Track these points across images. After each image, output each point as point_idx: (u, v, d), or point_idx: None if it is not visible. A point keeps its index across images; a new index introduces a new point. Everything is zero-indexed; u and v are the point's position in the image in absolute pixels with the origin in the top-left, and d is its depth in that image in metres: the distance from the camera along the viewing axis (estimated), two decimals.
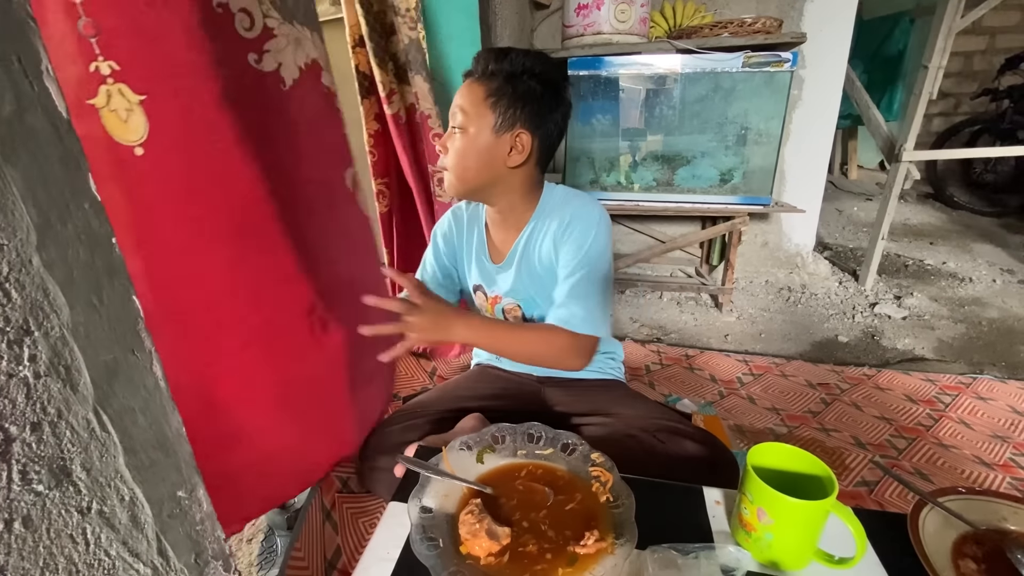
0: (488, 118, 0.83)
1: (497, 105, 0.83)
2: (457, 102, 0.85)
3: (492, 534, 0.55)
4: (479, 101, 0.83)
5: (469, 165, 0.85)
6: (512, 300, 0.97)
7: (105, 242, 0.37)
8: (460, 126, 0.84)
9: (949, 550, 0.56)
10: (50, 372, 0.33)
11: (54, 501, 0.34)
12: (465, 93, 0.84)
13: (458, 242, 1.02)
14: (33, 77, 0.32)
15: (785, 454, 0.59)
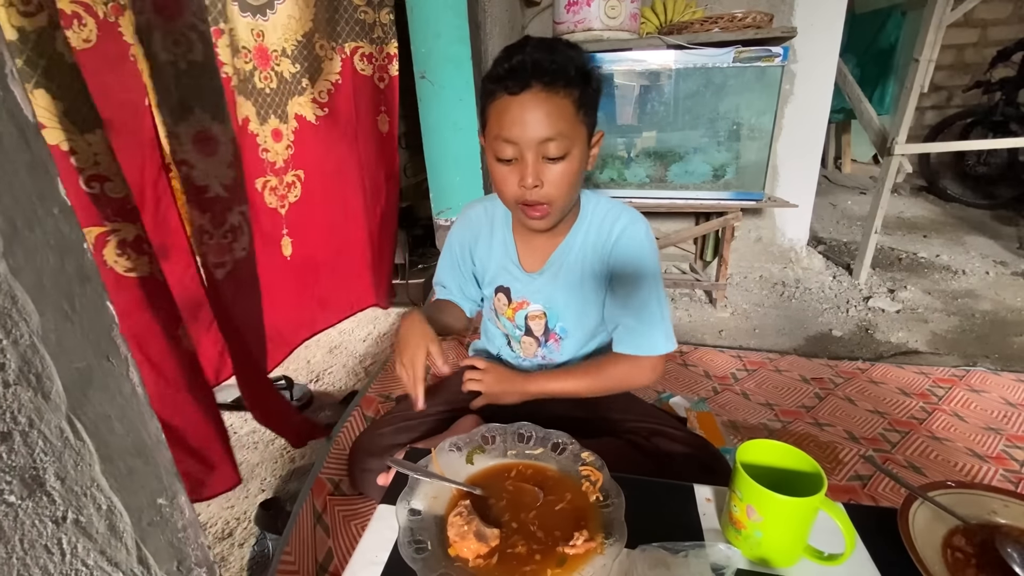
0: (582, 132, 0.75)
1: (587, 114, 0.75)
2: (546, 129, 0.71)
3: (481, 536, 0.55)
4: (572, 118, 0.73)
5: (573, 191, 0.79)
6: (539, 307, 0.94)
7: (76, 248, 0.36)
8: (560, 155, 0.73)
9: (939, 544, 0.56)
10: (20, 380, 0.32)
11: (27, 511, 0.33)
12: (554, 113, 0.71)
13: (474, 245, 0.97)
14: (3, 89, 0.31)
15: (775, 451, 0.58)
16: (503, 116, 0.72)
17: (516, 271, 0.93)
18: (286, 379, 1.43)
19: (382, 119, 1.44)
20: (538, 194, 0.75)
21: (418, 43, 1.34)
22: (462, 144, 1.46)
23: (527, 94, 0.70)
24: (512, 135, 0.72)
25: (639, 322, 0.84)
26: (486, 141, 0.80)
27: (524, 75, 0.70)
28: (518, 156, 0.74)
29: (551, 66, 0.70)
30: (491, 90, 0.74)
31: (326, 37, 1.32)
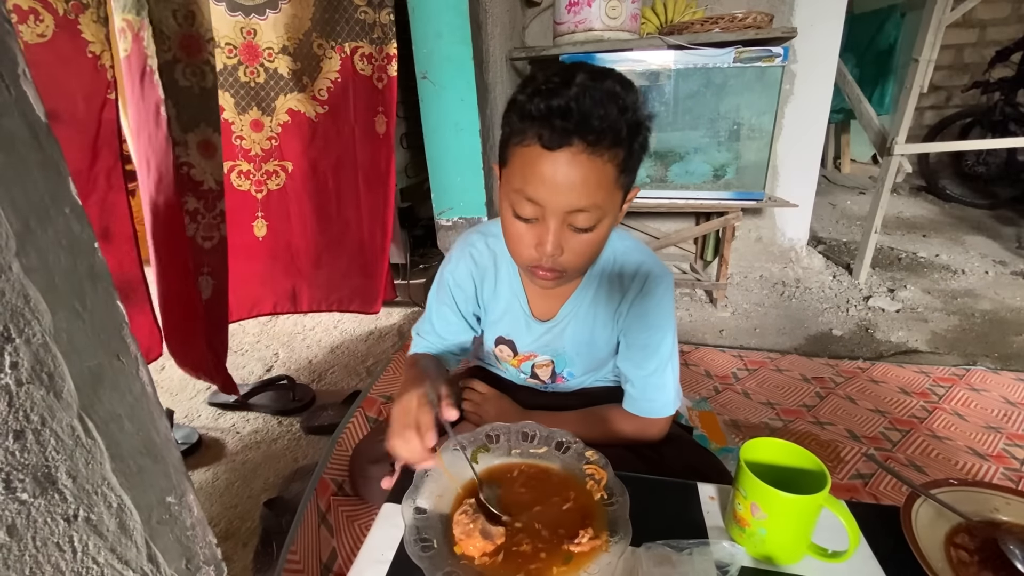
0: (618, 197, 0.64)
1: (628, 175, 0.64)
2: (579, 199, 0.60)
3: (486, 534, 0.55)
4: (611, 184, 0.61)
5: (595, 258, 0.71)
6: (548, 357, 0.89)
7: (87, 247, 0.36)
8: (589, 226, 0.63)
9: (942, 542, 0.57)
10: (32, 379, 0.33)
11: (39, 509, 0.33)
12: (592, 181, 0.59)
13: (480, 291, 0.87)
14: (10, 81, 0.32)
15: (778, 449, 0.59)
16: (530, 170, 0.60)
17: (525, 319, 0.85)
18: (288, 379, 1.44)
19: (379, 120, 1.46)
20: (554, 261, 0.66)
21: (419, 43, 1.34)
22: (463, 144, 1.46)
23: (565, 152, 0.58)
24: (538, 197, 0.61)
25: (653, 387, 0.81)
26: (502, 182, 0.68)
27: (566, 129, 0.57)
28: (539, 217, 0.63)
29: (600, 123, 0.57)
30: (520, 130, 0.61)
31: (326, 36, 1.35)
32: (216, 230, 1.24)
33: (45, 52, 0.98)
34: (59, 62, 1.00)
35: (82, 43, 1.01)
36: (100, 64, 1.04)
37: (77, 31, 1.00)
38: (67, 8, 0.97)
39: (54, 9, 0.96)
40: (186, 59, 1.09)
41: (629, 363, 0.82)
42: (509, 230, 0.68)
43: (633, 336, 0.81)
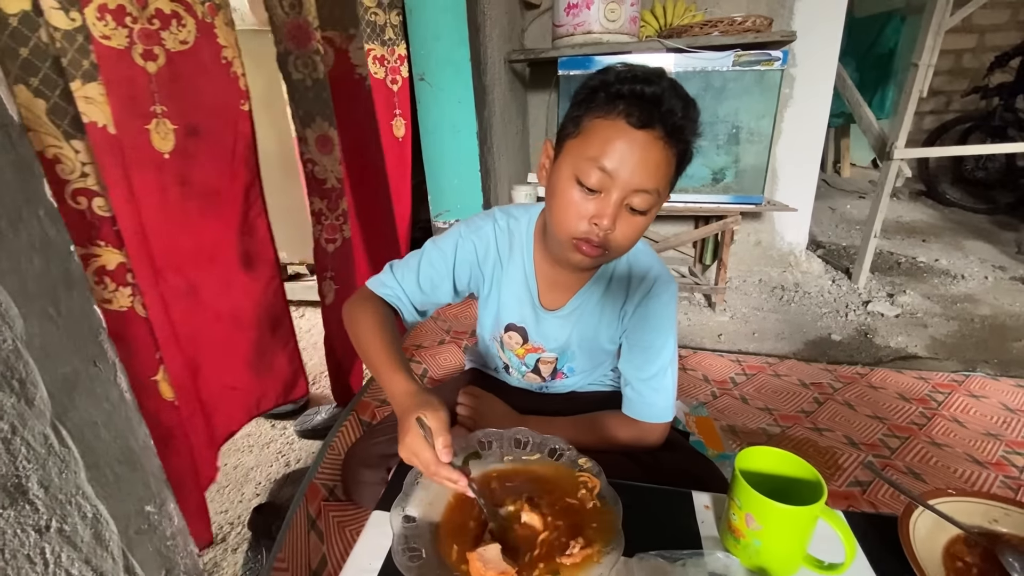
0: (666, 192, 0.69)
1: (676, 176, 0.69)
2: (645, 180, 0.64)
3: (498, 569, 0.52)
4: (669, 177, 0.67)
5: (636, 241, 0.73)
6: (552, 354, 0.89)
7: (62, 250, 0.36)
8: (643, 210, 0.67)
9: (940, 553, 0.56)
10: (2, 386, 0.32)
11: (8, 521, 0.32)
12: (662, 165, 0.64)
13: (492, 268, 0.87)
14: None
15: (774, 458, 0.58)
16: (611, 141, 0.63)
17: (534, 308, 0.86)
18: None
19: (397, 123, 1.42)
20: (604, 238, 0.67)
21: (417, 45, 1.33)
22: (460, 146, 1.45)
23: (647, 133, 0.62)
24: (611, 167, 0.63)
25: (652, 390, 0.81)
26: (565, 153, 0.69)
27: (653, 112, 0.61)
28: (603, 189, 0.65)
29: (681, 118, 0.63)
30: (604, 101, 0.64)
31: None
32: (339, 231, 1.20)
33: (187, 61, 0.89)
34: (199, 71, 0.91)
35: (217, 48, 0.93)
36: (232, 71, 0.97)
37: (214, 35, 0.92)
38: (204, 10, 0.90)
39: (194, 12, 0.89)
40: (296, 50, 1.04)
41: (630, 365, 0.82)
42: (566, 198, 0.68)
43: (636, 338, 0.82)
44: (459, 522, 0.59)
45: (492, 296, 0.89)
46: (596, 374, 0.98)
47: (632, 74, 0.64)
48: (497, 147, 1.61)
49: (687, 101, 0.64)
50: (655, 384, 0.81)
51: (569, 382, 0.97)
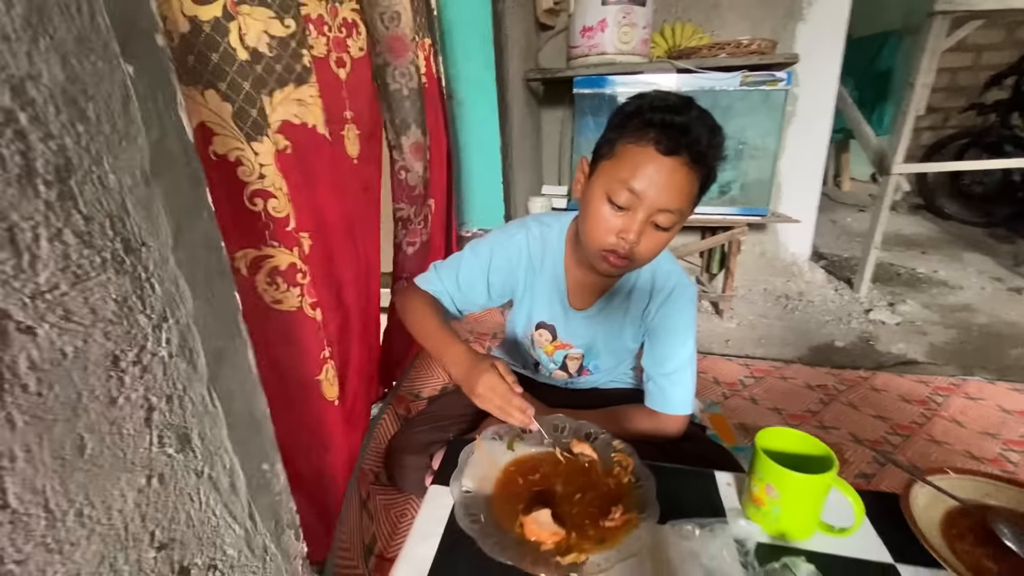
0: (689, 212, 0.76)
1: (699, 198, 0.76)
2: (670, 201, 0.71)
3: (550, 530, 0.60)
4: (693, 198, 0.74)
5: (658, 253, 0.80)
6: (579, 350, 0.98)
7: (216, 246, 0.44)
8: (667, 226, 0.74)
9: (938, 522, 0.63)
10: (179, 353, 0.39)
11: (179, 463, 0.40)
12: (685, 189, 0.71)
13: (525, 273, 0.94)
14: (171, 110, 0.39)
15: (789, 437, 0.65)
16: (640, 166, 0.70)
17: (564, 308, 0.94)
18: None
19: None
20: (629, 250, 0.75)
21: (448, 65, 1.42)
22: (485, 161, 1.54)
23: (674, 159, 0.69)
24: (639, 188, 0.70)
25: (673, 385, 0.88)
26: (599, 173, 0.76)
27: (681, 140, 0.68)
28: (631, 207, 0.73)
29: (706, 147, 0.70)
30: (636, 128, 0.71)
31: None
32: (419, 236, 1.23)
33: (362, 68, 0.91)
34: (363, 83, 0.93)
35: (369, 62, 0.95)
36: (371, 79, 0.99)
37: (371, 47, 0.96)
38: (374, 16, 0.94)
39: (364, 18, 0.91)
40: (394, 61, 1.07)
41: (651, 361, 0.89)
42: (597, 214, 0.76)
43: (657, 336, 0.89)
44: (509, 494, 0.66)
45: (525, 297, 0.97)
46: (618, 371, 1.06)
47: (664, 104, 0.71)
48: (516, 161, 1.70)
49: (713, 129, 0.71)
50: (675, 379, 0.88)
51: (593, 379, 1.04)
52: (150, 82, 0.37)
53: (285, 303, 0.69)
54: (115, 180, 0.34)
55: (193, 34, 0.54)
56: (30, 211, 0.29)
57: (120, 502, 0.35)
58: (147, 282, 0.36)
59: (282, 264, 0.67)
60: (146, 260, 0.36)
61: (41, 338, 0.30)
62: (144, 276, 0.36)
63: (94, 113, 0.32)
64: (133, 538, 0.36)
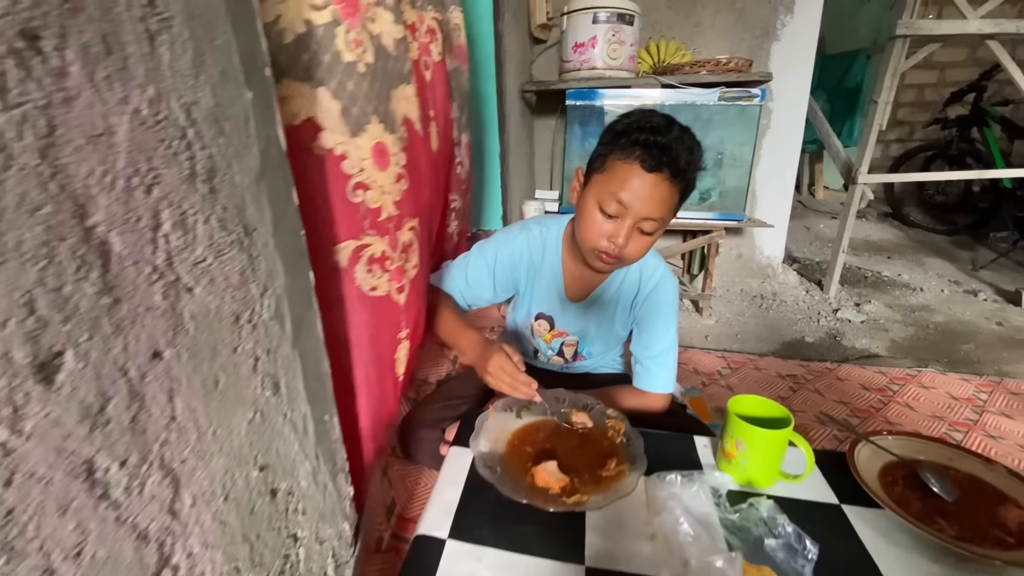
0: (670, 218, 0.87)
1: (679, 205, 0.87)
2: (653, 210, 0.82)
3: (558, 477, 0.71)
4: (673, 207, 0.85)
5: (645, 253, 0.91)
6: (575, 337, 1.10)
7: (299, 233, 0.54)
8: (651, 232, 0.85)
9: (876, 474, 0.75)
10: (275, 317, 0.50)
11: (273, 404, 0.50)
12: (665, 200, 0.82)
13: (526, 270, 1.05)
14: (273, 125, 0.50)
15: (755, 403, 0.77)
16: (627, 180, 0.81)
17: (560, 300, 1.05)
18: None
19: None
20: (618, 252, 0.86)
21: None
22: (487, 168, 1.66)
23: (656, 176, 0.80)
24: (626, 200, 0.82)
25: (658, 366, 1.00)
26: (592, 184, 0.88)
27: (663, 159, 0.79)
28: (619, 216, 0.84)
29: (684, 164, 0.81)
30: (623, 147, 0.82)
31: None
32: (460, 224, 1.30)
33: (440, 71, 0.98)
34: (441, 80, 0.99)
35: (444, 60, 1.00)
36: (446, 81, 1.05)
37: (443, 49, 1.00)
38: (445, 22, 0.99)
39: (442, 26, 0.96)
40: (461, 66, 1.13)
41: (639, 345, 1.02)
42: (590, 219, 0.87)
43: (644, 323, 1.01)
44: (519, 452, 0.78)
45: (526, 291, 1.08)
46: (608, 358, 1.18)
47: (649, 124, 0.82)
48: (512, 167, 1.82)
49: (691, 148, 0.82)
50: (660, 361, 1.01)
51: (587, 364, 1.16)
52: (261, 104, 0.47)
53: (379, 289, 0.74)
54: (239, 180, 0.44)
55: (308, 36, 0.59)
56: (193, 201, 0.40)
57: (237, 429, 0.46)
58: (256, 259, 0.47)
59: (377, 252, 0.72)
60: (256, 242, 0.47)
61: (198, 296, 0.40)
62: (254, 254, 0.47)
63: (229, 129, 0.43)
64: (244, 459, 0.47)
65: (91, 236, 0.32)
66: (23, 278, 0.28)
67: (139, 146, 0.35)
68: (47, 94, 0.29)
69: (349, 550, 0.67)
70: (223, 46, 0.42)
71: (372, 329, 0.74)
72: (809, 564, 0.59)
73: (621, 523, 0.67)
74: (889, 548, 0.64)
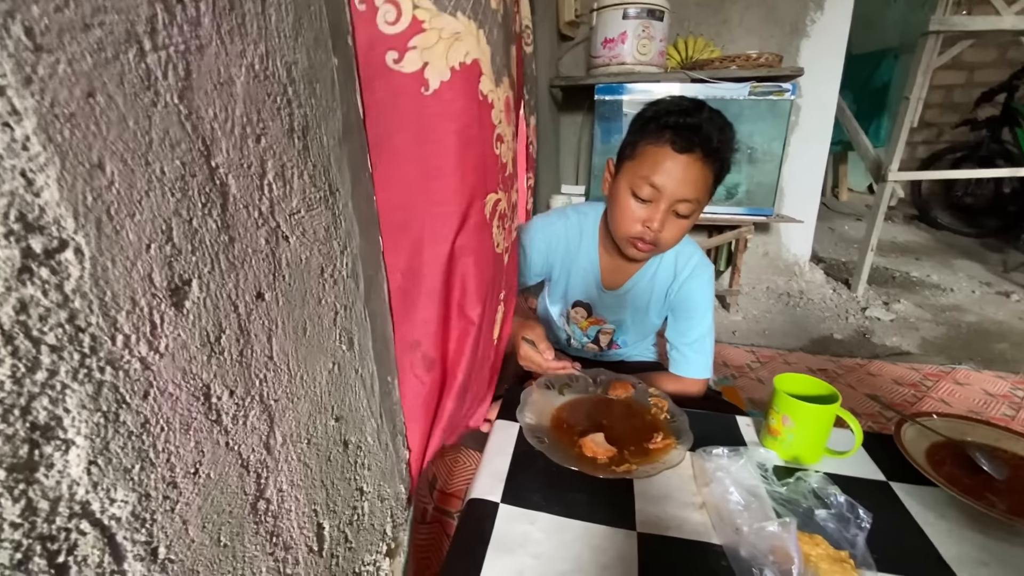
0: (706, 199, 0.86)
1: (714, 187, 0.86)
2: (688, 191, 0.82)
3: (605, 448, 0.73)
4: (708, 188, 0.84)
5: (681, 238, 0.91)
6: (611, 326, 1.10)
7: (370, 198, 0.56)
8: (687, 214, 0.85)
9: (923, 453, 0.75)
10: (351, 275, 0.52)
11: (347, 359, 0.53)
12: (700, 181, 0.82)
13: (562, 255, 1.05)
14: (354, 92, 0.52)
15: (801, 382, 0.78)
16: (659, 163, 0.81)
17: (599, 288, 1.05)
18: None
19: None
20: (654, 237, 0.85)
21: None
22: None
23: (689, 156, 0.80)
24: (659, 183, 0.81)
25: (695, 352, 1.00)
26: (623, 171, 0.87)
27: (694, 139, 0.79)
28: (653, 200, 0.83)
29: (717, 143, 0.80)
30: (654, 131, 0.81)
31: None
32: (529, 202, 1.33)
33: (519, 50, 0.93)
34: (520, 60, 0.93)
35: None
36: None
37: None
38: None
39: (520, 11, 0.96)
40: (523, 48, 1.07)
41: (675, 332, 1.02)
42: (623, 206, 0.88)
43: (680, 310, 1.02)
44: (564, 428, 0.79)
45: (561, 278, 1.09)
46: (642, 346, 1.19)
47: (678, 107, 0.82)
48: (540, 163, 1.84)
49: (723, 127, 0.82)
50: (697, 347, 1.01)
51: (620, 352, 1.17)
52: (344, 70, 0.50)
53: (499, 247, 0.72)
54: (326, 140, 0.47)
55: None
56: (291, 155, 0.42)
57: (320, 377, 0.48)
58: (338, 218, 0.49)
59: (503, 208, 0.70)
60: (339, 201, 0.49)
61: (292, 245, 0.43)
62: (337, 213, 0.49)
63: (320, 91, 0.46)
64: (324, 407, 0.49)
65: (215, 175, 0.34)
66: (164, 207, 0.31)
67: (252, 97, 0.37)
68: (186, 39, 0.32)
69: (405, 512, 0.69)
70: (316, 12, 0.45)
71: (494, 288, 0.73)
72: (862, 533, 0.60)
73: (669, 493, 0.68)
74: (940, 522, 0.65)
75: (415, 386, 0.68)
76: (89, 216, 0.27)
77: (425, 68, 0.55)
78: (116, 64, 0.28)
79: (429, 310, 0.65)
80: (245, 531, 0.39)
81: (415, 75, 0.55)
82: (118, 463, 0.29)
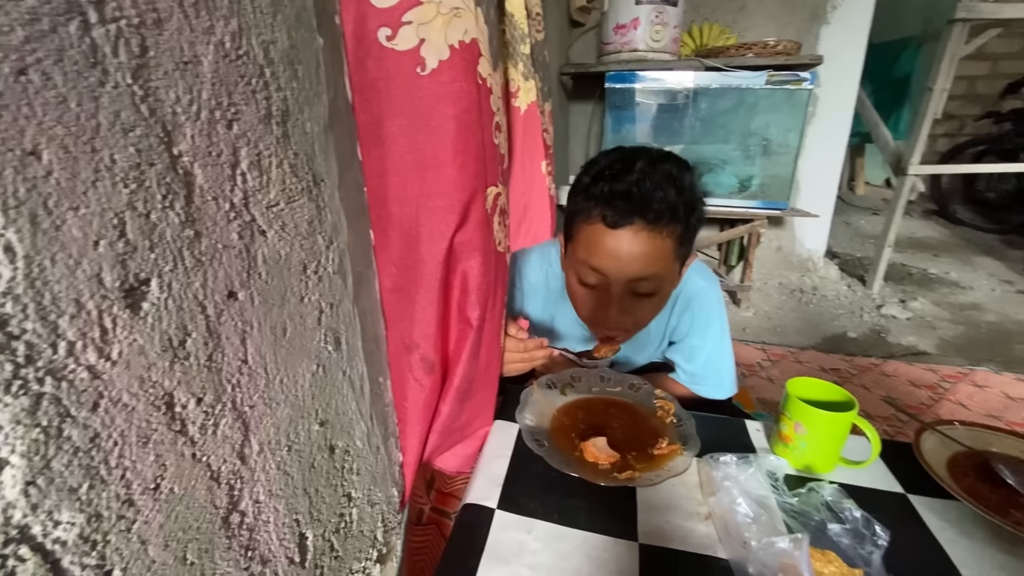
0: (677, 267, 0.72)
1: (686, 246, 0.70)
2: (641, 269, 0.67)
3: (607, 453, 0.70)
4: (670, 256, 0.68)
5: (657, 313, 0.78)
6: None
7: (361, 190, 0.53)
8: (650, 292, 0.70)
9: (944, 463, 0.71)
10: (338, 271, 0.49)
11: (334, 359, 0.50)
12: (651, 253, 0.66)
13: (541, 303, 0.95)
14: (341, 75, 0.49)
15: (814, 386, 0.74)
16: (595, 245, 0.68)
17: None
18: None
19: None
20: (620, 324, 0.73)
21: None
22: None
23: (627, 230, 0.65)
24: (601, 267, 0.68)
25: (703, 376, 0.94)
26: (567, 253, 0.76)
27: (627, 210, 0.64)
28: (603, 285, 0.71)
29: (659, 204, 0.63)
30: (586, 209, 0.68)
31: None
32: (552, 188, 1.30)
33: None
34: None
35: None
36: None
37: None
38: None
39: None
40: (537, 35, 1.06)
41: (679, 356, 0.96)
42: (575, 295, 0.79)
43: (681, 338, 0.95)
44: (565, 427, 0.76)
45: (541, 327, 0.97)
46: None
47: (602, 172, 0.68)
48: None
49: (668, 178, 0.65)
50: (705, 369, 0.95)
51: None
52: (331, 52, 0.46)
53: (501, 244, 0.66)
54: (310, 127, 0.44)
55: None
56: (268, 143, 0.39)
57: (302, 379, 0.45)
58: (323, 210, 0.46)
59: (503, 203, 0.64)
60: (324, 193, 0.46)
61: (269, 240, 0.40)
62: (321, 205, 0.46)
63: (302, 73, 0.42)
64: (307, 411, 0.46)
65: (177, 164, 0.31)
66: (115, 199, 0.28)
67: (222, 79, 0.34)
68: (140, 12, 0.28)
69: (397, 516, 0.67)
70: None
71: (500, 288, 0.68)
72: (878, 551, 0.56)
73: (674, 502, 0.65)
74: (961, 539, 0.61)
75: (415, 389, 0.65)
76: (21, 210, 0.24)
77: (422, 45, 0.50)
78: (53, 38, 0.25)
79: (428, 311, 0.61)
80: (216, 547, 0.37)
81: (410, 53, 0.50)
82: (62, 482, 0.27)
